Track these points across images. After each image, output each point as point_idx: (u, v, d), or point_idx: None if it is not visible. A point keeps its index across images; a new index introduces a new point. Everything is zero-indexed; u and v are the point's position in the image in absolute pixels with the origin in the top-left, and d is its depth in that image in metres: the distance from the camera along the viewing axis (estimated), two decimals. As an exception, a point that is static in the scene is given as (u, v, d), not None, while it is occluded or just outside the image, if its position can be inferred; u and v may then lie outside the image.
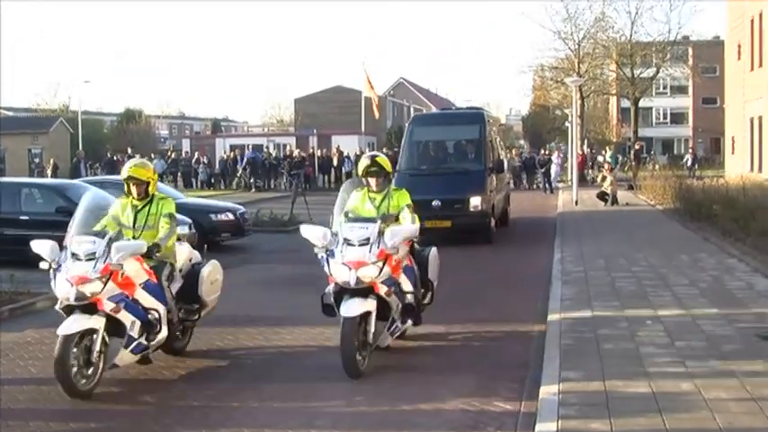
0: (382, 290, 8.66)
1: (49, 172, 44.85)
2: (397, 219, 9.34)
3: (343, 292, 8.66)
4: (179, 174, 50.06)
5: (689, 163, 49.04)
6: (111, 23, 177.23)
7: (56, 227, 16.25)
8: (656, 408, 6.78)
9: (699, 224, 21.50)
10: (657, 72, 56.59)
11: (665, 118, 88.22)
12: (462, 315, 11.55)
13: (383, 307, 8.80)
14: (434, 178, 20.40)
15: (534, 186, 45.88)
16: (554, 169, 44.48)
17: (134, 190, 9.03)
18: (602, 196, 30.54)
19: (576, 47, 53.22)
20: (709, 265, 14.78)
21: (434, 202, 19.19)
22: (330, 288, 8.86)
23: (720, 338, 9.14)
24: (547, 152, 49.25)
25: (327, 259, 8.69)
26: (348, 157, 49.01)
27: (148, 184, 9.08)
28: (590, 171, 49.17)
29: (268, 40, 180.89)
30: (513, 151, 53.24)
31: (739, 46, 40.91)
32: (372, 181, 9.46)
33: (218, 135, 77.20)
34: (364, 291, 8.57)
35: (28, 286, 12.83)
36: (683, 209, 24.86)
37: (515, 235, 22.38)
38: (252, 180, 47.00)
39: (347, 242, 8.65)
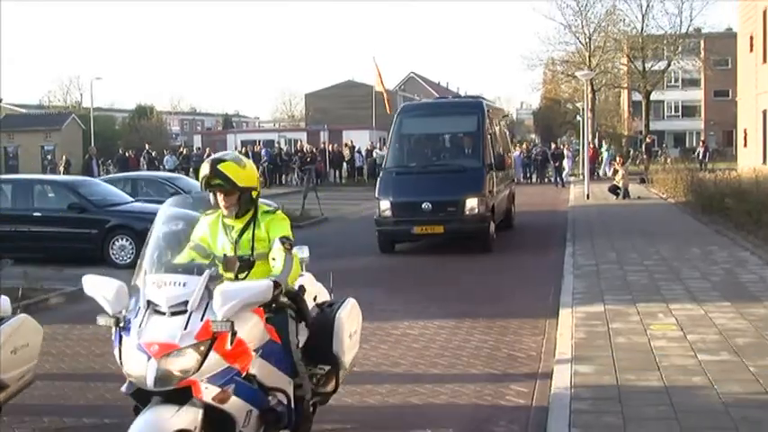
0: (208, 393, 4.94)
1: (61, 169, 44.95)
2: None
3: (145, 394, 4.99)
4: (191, 170, 50.14)
5: (701, 156, 48.85)
6: (123, 20, 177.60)
7: (68, 223, 16.60)
8: (668, 401, 6.77)
9: (711, 217, 21.44)
10: (669, 65, 56.59)
11: (676, 111, 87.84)
12: (473, 310, 11.55)
13: (217, 421, 5.06)
14: (425, 177, 18.11)
15: (546, 180, 45.80)
16: (566, 163, 44.38)
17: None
18: (613, 190, 30.46)
19: (587, 40, 53.23)
20: (722, 258, 14.75)
21: (425, 205, 17.18)
22: (125, 387, 5.11)
23: (733, 332, 9.11)
24: (559, 146, 49.11)
25: (120, 337, 5.04)
26: (359, 151, 49.00)
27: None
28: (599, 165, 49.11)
29: (279, 36, 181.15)
30: (524, 145, 53.19)
31: (751, 38, 40.67)
32: (221, 199, 5.76)
33: (229, 131, 77.37)
34: (177, 394, 4.92)
35: (41, 282, 12.91)
36: (694, 202, 24.79)
37: (526, 229, 22.29)
38: (261, 178, 46.81)
39: (153, 308, 5.05)
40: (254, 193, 5.84)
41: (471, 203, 17.19)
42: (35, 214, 16.88)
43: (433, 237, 17.68)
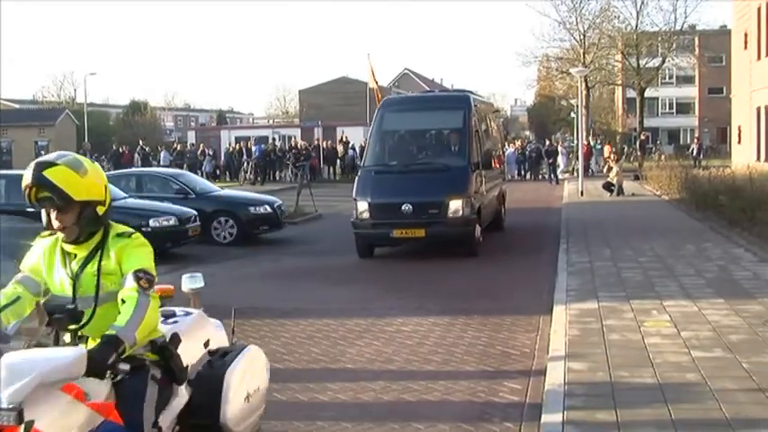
0: None
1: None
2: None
3: None
4: (185, 166, 50.09)
5: (695, 153, 48.92)
6: (118, 16, 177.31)
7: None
8: (662, 398, 6.77)
9: (705, 214, 21.48)
10: (663, 62, 56.56)
11: (670, 108, 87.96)
12: (467, 307, 11.55)
13: None
14: (406, 177, 16.83)
15: (540, 177, 45.83)
16: (561, 160, 44.41)
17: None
18: (607, 186, 30.49)
19: (582, 37, 53.19)
20: (716, 254, 14.77)
21: (405, 207, 15.91)
22: None
23: (727, 328, 9.12)
24: (553, 143, 49.15)
25: None
26: (353, 147, 48.95)
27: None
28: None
29: (273, 32, 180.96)
30: (519, 142, 53.21)
31: (746, 35, 40.75)
32: (53, 218, 4.27)
33: (223, 127, 77.17)
34: None
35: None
36: (688, 199, 24.85)
37: (519, 226, 22.29)
38: (250, 174, 46.43)
39: None
40: (99, 209, 4.26)
41: (455, 205, 15.98)
42: (29, 209, 16.80)
43: (415, 241, 16.55)
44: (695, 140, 55.28)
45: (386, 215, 16.23)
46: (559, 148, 45.78)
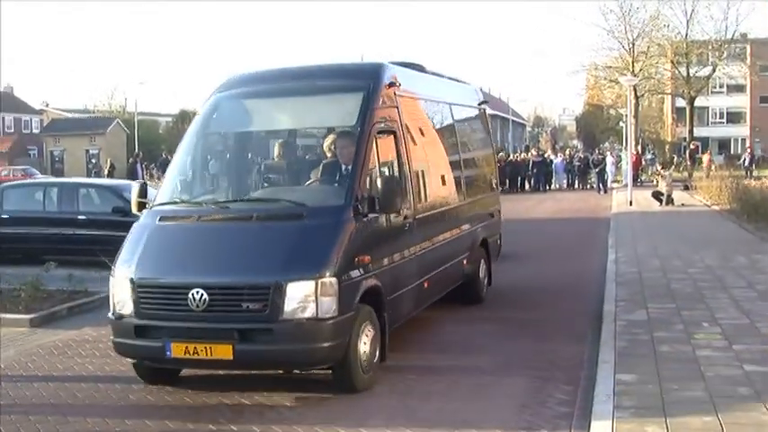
0: None
1: (105, 172, 45.52)
2: None
3: None
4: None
5: (746, 163, 48.23)
6: (167, 25, 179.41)
7: (112, 226, 16.76)
8: (713, 411, 6.67)
9: (757, 225, 21.15)
10: (714, 70, 55.94)
11: (721, 117, 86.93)
12: (514, 315, 11.50)
13: None
14: (213, 230, 8.70)
15: (588, 187, 45.50)
16: (609, 169, 44.04)
17: None
18: (657, 196, 30.18)
19: (630, 46, 52.78)
20: (768, 266, 14.54)
21: (195, 295, 7.71)
22: None
23: (780, 342, 8.98)
24: (601, 152, 48.77)
25: None
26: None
27: None
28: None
29: (307, 36, 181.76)
30: (567, 151, 52.93)
31: (799, 43, 40.18)
32: None
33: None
34: None
35: (85, 285, 13.06)
36: (739, 209, 24.48)
37: (567, 236, 22.10)
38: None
39: None
40: None
41: (300, 293, 7.63)
42: (80, 218, 17.07)
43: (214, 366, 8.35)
44: (747, 150, 54.50)
45: (160, 310, 8.02)
46: (608, 158, 45.39)
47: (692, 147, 52.47)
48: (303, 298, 7.55)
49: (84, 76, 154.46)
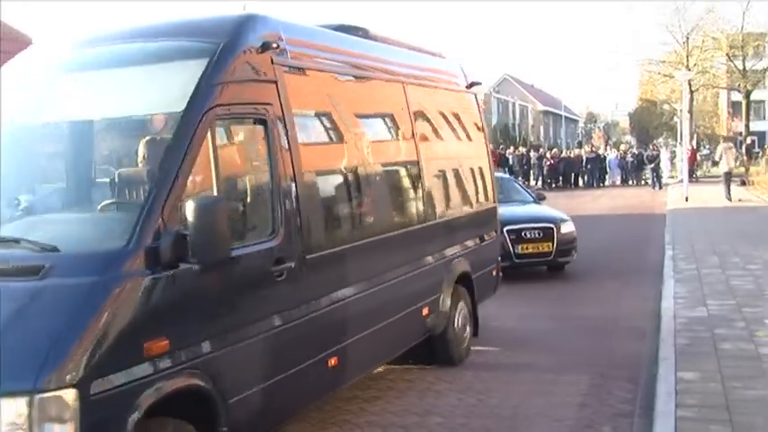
0: None
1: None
2: None
3: None
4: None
5: (805, 157, 47.33)
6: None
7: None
8: (778, 410, 6.59)
9: (817, 221, 20.80)
10: (771, 63, 54.98)
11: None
12: (573, 312, 11.46)
13: None
14: None
15: (642, 183, 45.05)
16: (664, 165, 43.55)
17: None
18: (728, 178, 29.44)
19: (685, 40, 52.08)
20: (830, 263, 14.29)
21: None
22: None
23: None
24: (657, 148, 48.22)
25: None
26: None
27: None
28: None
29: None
30: (621, 147, 52.49)
31: None
32: None
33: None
34: None
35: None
36: (799, 205, 24.09)
37: (623, 232, 21.89)
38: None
39: None
40: None
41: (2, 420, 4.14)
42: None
43: None
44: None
45: None
46: (663, 153, 44.89)
47: (748, 141, 51.67)
48: (9, 427, 4.16)
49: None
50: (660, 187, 40.48)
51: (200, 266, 4.94)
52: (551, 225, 14.73)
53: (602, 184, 44.94)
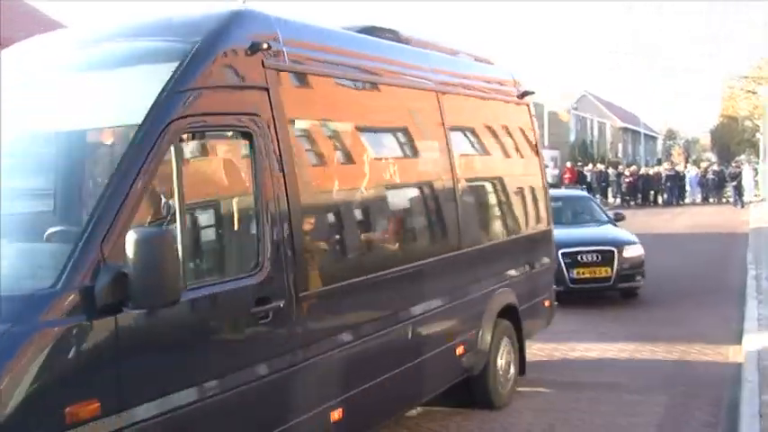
0: None
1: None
2: None
3: None
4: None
5: None
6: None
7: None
8: None
9: None
10: None
11: None
12: (652, 332, 11.40)
13: None
14: None
15: (723, 201, 44.31)
16: (746, 183, 42.72)
17: None
18: None
19: (769, 55, 51.20)
20: None
21: None
22: None
23: None
24: (739, 165, 47.38)
25: None
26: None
27: None
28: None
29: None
30: (703, 165, 51.71)
31: None
32: None
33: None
34: None
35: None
36: None
37: (703, 251, 21.57)
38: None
39: None
40: None
41: None
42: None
43: None
44: None
45: None
46: (744, 171, 44.06)
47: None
48: None
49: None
50: (742, 206, 39.72)
51: (146, 311, 4.05)
52: (611, 248, 13.73)
53: (681, 202, 44.30)
